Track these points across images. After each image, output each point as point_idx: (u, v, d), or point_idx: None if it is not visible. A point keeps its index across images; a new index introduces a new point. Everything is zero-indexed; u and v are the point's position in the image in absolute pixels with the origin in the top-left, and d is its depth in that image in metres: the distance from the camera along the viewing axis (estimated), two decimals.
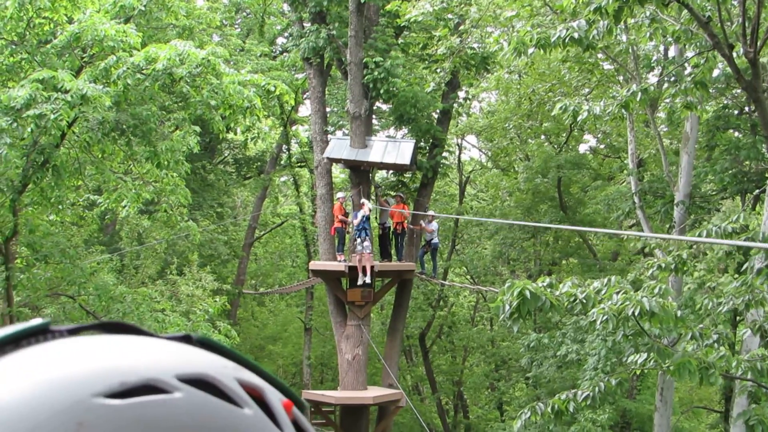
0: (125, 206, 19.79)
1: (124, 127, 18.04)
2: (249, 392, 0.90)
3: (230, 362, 0.94)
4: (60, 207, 20.71)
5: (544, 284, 10.92)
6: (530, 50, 12.44)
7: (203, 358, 0.92)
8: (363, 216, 23.87)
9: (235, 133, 24.23)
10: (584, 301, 11.17)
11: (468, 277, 42.45)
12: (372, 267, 24.13)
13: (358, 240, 23.84)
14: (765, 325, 13.24)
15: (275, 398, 0.93)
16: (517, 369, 36.92)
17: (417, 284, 33.07)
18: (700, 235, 13.43)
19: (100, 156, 19.28)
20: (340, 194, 25.30)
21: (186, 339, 0.97)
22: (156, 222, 26.48)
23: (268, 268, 46.11)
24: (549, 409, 12.64)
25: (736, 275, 15.71)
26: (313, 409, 23.99)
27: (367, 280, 24.07)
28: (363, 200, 24.45)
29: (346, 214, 25.02)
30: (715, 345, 13.02)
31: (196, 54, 16.69)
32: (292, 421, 0.93)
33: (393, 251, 25.64)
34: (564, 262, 38.16)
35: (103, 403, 0.80)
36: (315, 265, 25.68)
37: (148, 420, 0.81)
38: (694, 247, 14.78)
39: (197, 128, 20.41)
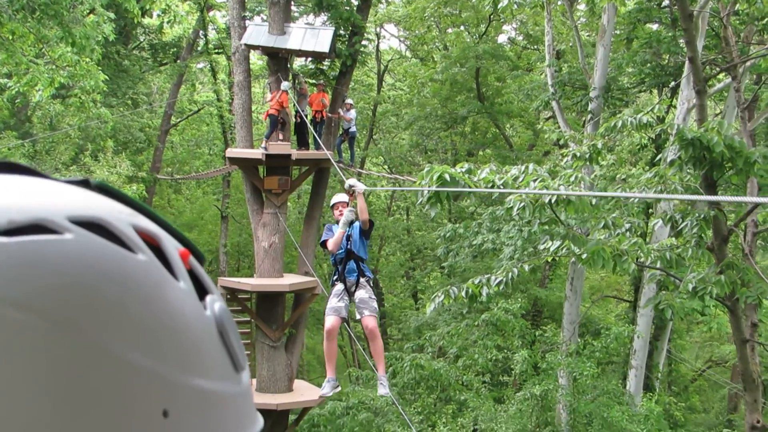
0: (39, 91, 19.29)
1: (35, 6, 17.43)
2: (144, 239, 0.88)
3: (127, 208, 0.92)
4: None
5: (463, 170, 10.96)
6: None
7: (99, 202, 0.88)
8: (348, 223, 11.26)
9: (151, 16, 23.51)
10: (502, 187, 11.24)
11: (385, 166, 42.54)
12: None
13: (339, 286, 11.33)
14: (675, 216, 13.51)
15: (171, 246, 0.92)
16: (432, 258, 37.36)
17: (334, 173, 33.06)
18: (615, 126, 13.56)
19: (10, 38, 18.68)
20: (286, 84, 24.67)
21: (84, 183, 0.93)
22: (69, 107, 25.88)
23: (185, 156, 45.65)
24: (462, 293, 12.80)
25: (647, 167, 15.99)
26: (228, 297, 24.07)
27: (384, 383, 11.44)
28: (352, 183, 11.14)
29: (281, 107, 24.44)
30: (627, 234, 13.27)
31: None
32: (188, 270, 0.92)
33: (310, 140, 25.48)
34: (480, 152, 38.40)
35: None
36: (232, 152, 25.39)
37: (36, 259, 0.78)
38: (608, 138, 14.92)
39: (111, 14, 19.85)
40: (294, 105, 24.30)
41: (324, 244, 11.67)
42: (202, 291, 0.93)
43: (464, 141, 39.02)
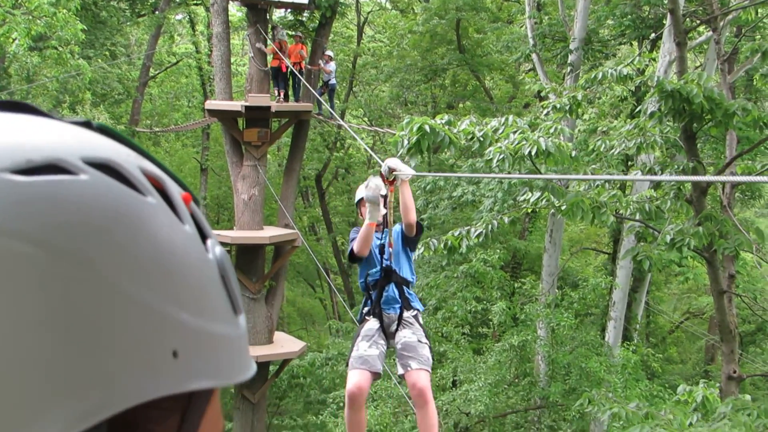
0: (15, 40, 19.12)
1: None
2: (151, 182, 0.89)
3: (132, 151, 0.93)
4: None
5: (443, 121, 10.96)
6: None
7: (108, 144, 0.90)
8: (376, 206, 7.41)
9: None
10: (482, 139, 11.25)
11: (365, 119, 42.42)
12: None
13: (372, 323, 7.71)
14: (655, 168, 13.56)
15: (175, 190, 0.93)
16: None
17: (314, 125, 32.96)
18: (595, 78, 13.55)
19: None
20: (282, 33, 24.37)
21: (86, 124, 0.94)
22: (46, 59, 25.67)
23: (164, 108, 45.43)
24: (441, 246, 12.84)
25: (629, 119, 16.01)
26: None
27: None
28: (393, 166, 7.31)
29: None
30: (606, 186, 13.32)
31: None
32: (189, 214, 0.93)
33: (290, 92, 25.37)
34: (461, 105, 38.32)
35: (9, 178, 0.78)
36: (211, 104, 25.28)
37: (54, 199, 0.79)
38: (588, 90, 14.91)
39: None
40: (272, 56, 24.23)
41: (352, 255, 7.73)
42: (202, 235, 0.95)
43: (444, 93, 38.92)
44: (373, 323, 7.69)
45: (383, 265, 7.70)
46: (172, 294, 0.85)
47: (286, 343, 24.61)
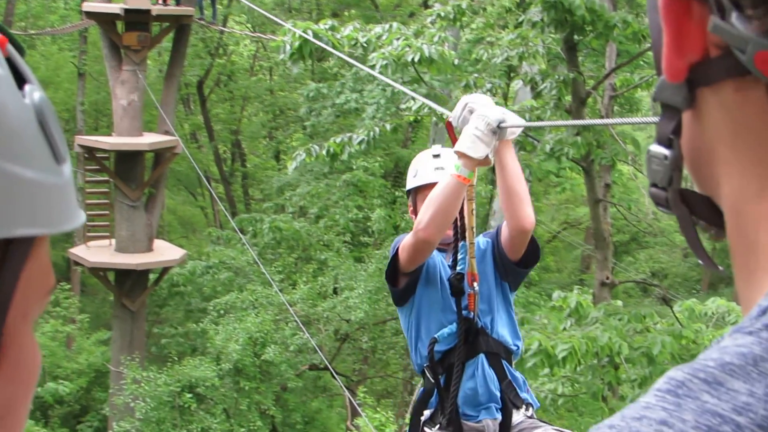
0: None
1: None
2: None
3: None
4: None
5: (326, 26, 10.84)
6: None
7: None
8: (485, 132, 3.66)
9: None
10: (365, 45, 11.19)
11: (248, 25, 41.77)
12: None
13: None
14: (536, 78, 13.71)
15: None
16: (294, 119, 37.17)
17: (195, 30, 32.30)
18: None
19: None
20: None
21: None
22: None
23: (39, 10, 43.87)
24: (324, 152, 12.79)
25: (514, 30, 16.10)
26: (86, 156, 23.65)
27: None
28: (486, 115, 3.70)
29: None
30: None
31: None
32: (6, 58, 0.87)
33: None
34: (345, 13, 38.02)
35: None
36: (89, 6, 24.50)
37: None
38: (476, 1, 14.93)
39: None
40: None
41: (394, 266, 4.23)
42: (20, 81, 0.89)
43: (329, 0, 38.56)
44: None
45: (461, 317, 4.07)
46: None
47: (166, 251, 24.42)
